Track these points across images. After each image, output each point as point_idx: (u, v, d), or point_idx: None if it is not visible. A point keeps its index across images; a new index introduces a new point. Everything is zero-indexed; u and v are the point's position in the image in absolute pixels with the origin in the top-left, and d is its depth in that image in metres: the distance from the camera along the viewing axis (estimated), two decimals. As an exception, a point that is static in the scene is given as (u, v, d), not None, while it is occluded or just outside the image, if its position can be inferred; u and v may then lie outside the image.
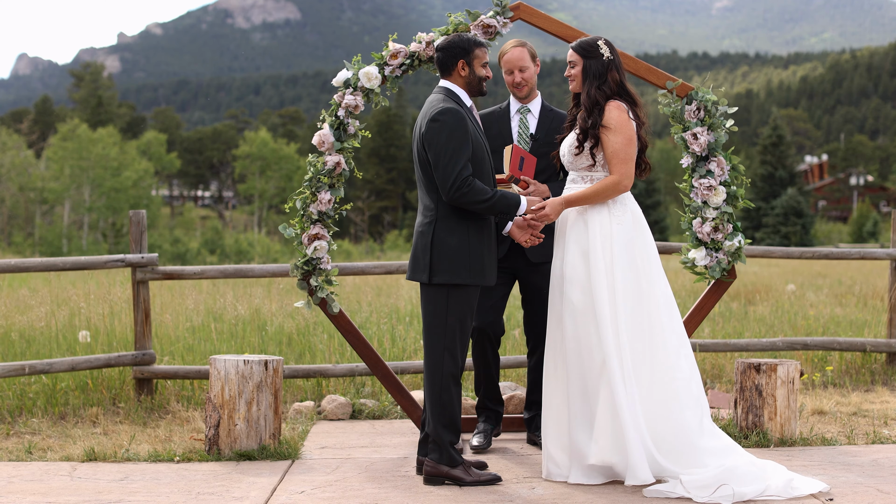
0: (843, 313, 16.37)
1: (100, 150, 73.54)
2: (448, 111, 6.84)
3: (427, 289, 6.95)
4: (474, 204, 6.77)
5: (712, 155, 8.09)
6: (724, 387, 10.81)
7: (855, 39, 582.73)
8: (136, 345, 9.97)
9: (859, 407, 9.95)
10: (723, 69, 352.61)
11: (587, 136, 7.06)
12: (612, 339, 6.77)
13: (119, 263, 9.87)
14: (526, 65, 7.97)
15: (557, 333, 7.09)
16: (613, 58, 7.16)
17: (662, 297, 7.00)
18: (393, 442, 8.46)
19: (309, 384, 10.46)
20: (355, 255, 61.75)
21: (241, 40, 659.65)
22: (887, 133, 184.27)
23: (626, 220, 7.02)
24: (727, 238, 8.12)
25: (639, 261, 6.98)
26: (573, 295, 6.95)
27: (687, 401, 6.85)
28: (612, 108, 7.03)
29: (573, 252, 7.02)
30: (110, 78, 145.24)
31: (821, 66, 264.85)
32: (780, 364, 8.26)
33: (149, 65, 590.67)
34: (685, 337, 7.05)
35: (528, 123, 8.03)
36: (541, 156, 7.90)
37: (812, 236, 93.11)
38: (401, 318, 13.58)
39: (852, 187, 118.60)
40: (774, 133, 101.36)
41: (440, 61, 7.16)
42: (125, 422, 9.34)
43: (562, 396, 7.06)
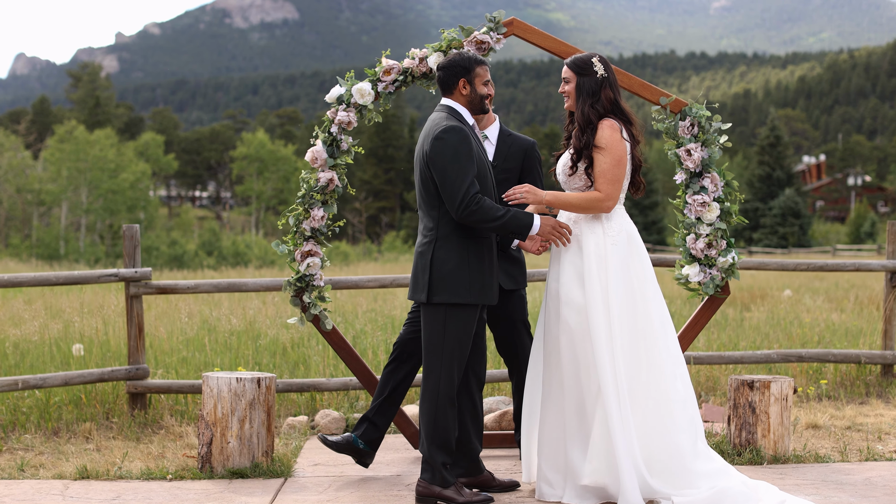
0: (839, 320, 16.36)
1: (97, 151, 73.53)
2: (452, 129, 6.83)
3: (427, 308, 6.93)
4: (485, 222, 6.73)
5: (706, 171, 8.08)
6: (719, 400, 10.80)
7: (853, 39, 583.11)
8: (130, 359, 9.96)
9: (853, 420, 9.94)
10: (721, 69, 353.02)
11: (581, 156, 7.02)
12: (609, 361, 6.74)
13: (112, 278, 9.86)
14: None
15: (554, 355, 7.05)
16: (608, 75, 7.10)
17: (658, 317, 6.97)
18: (386, 459, 8.45)
19: (303, 398, 10.45)
20: (353, 257, 61.83)
21: (239, 40, 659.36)
22: (885, 133, 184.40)
23: (621, 239, 6.97)
24: (721, 254, 8.11)
25: (634, 281, 6.95)
26: (569, 317, 6.92)
27: (681, 423, 6.83)
28: (604, 126, 6.98)
29: (568, 273, 6.98)
30: (108, 78, 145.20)
31: (819, 66, 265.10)
32: (774, 381, 8.25)
33: (147, 65, 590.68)
34: (680, 358, 7.03)
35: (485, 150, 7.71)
36: (500, 183, 7.70)
37: (810, 237, 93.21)
38: (395, 328, 13.56)
39: (850, 187, 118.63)
40: (772, 134, 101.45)
41: (441, 80, 7.14)
42: (118, 437, 9.33)
43: (557, 416, 7.03)
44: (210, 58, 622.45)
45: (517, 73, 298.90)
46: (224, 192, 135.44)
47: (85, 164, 72.67)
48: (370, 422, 7.78)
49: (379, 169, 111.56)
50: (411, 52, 8.17)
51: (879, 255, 62.54)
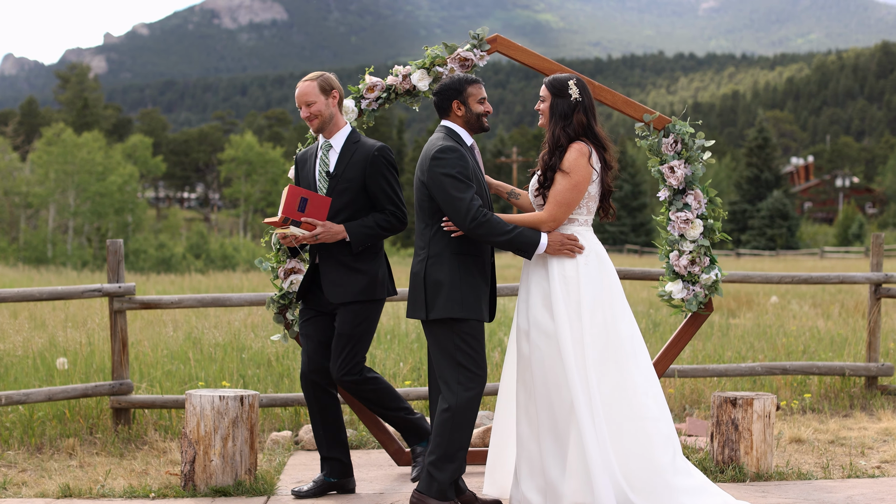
0: (824, 328, 16.39)
1: (85, 154, 73.39)
2: (449, 148, 6.87)
3: (429, 326, 6.96)
4: (493, 236, 6.77)
5: (689, 188, 8.08)
6: (703, 413, 10.81)
7: (841, 40, 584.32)
8: (114, 374, 9.95)
9: (837, 434, 9.96)
10: (709, 70, 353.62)
11: (546, 178, 7.04)
12: (579, 381, 6.74)
13: (96, 293, 9.84)
14: (312, 99, 7.54)
15: (527, 376, 7.05)
16: (582, 99, 7.06)
17: (628, 336, 6.96)
18: (369, 476, 8.44)
19: (287, 412, 10.45)
20: (341, 259, 61.65)
21: (228, 41, 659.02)
22: (873, 134, 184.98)
23: (589, 260, 6.96)
24: (704, 271, 8.11)
25: (604, 301, 6.94)
26: (538, 339, 6.91)
27: (657, 440, 6.83)
28: (572, 149, 6.94)
29: (536, 295, 6.97)
30: (96, 79, 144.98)
31: (807, 68, 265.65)
32: (757, 398, 8.26)
33: (135, 65, 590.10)
34: (653, 376, 7.02)
35: (327, 160, 7.62)
36: (341, 193, 7.55)
37: (797, 238, 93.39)
38: (381, 338, 13.57)
39: (838, 189, 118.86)
40: (760, 135, 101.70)
41: (437, 105, 7.18)
42: (102, 453, 9.31)
43: (533, 437, 7.04)
44: (199, 58, 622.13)
45: (506, 75, 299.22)
46: (212, 193, 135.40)
47: (72, 166, 72.53)
48: (329, 459, 7.79)
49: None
50: (395, 70, 8.18)
51: (867, 257, 62.63)
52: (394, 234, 7.67)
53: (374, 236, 7.50)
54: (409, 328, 14.78)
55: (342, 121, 7.67)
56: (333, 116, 7.59)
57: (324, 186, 7.57)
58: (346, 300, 7.49)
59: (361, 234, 7.43)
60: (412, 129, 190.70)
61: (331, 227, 7.37)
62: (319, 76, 7.62)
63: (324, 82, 7.58)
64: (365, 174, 7.50)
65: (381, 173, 7.54)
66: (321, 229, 7.32)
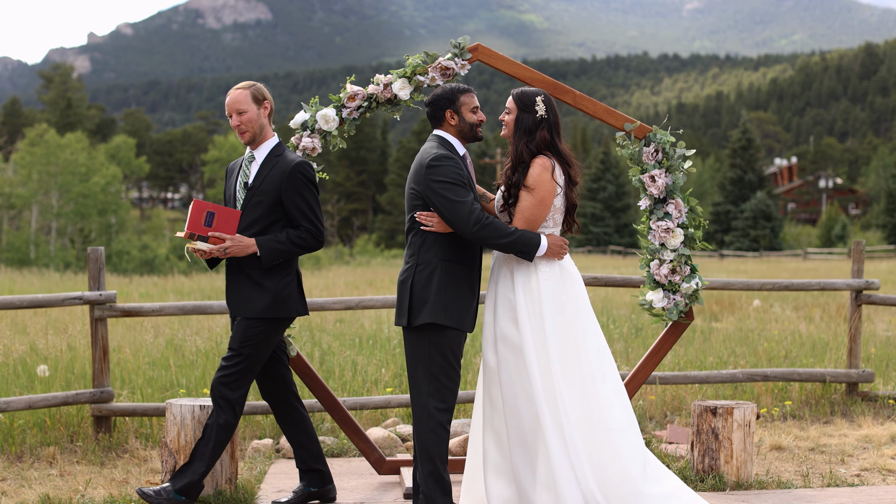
0: (806, 332, 16.43)
1: (68, 155, 73.20)
2: (444, 156, 6.88)
3: (410, 333, 6.94)
4: (497, 238, 6.76)
5: (670, 197, 8.08)
6: (684, 420, 10.82)
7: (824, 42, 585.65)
8: (94, 382, 9.92)
9: (817, 442, 9.98)
10: (693, 71, 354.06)
11: (510, 194, 7.05)
12: (544, 395, 6.76)
13: (77, 301, 9.81)
14: (244, 108, 7.43)
15: (494, 388, 7.07)
16: (548, 116, 7.07)
17: (594, 348, 6.98)
18: (350, 485, 8.43)
19: (268, 420, 10.43)
20: (324, 261, 61.68)
21: (212, 41, 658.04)
22: (856, 135, 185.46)
23: (553, 274, 6.97)
24: (685, 280, 8.12)
25: (569, 314, 6.95)
26: (504, 352, 6.92)
27: (626, 450, 6.85)
28: (535, 165, 6.95)
29: (503, 308, 6.99)
30: (80, 79, 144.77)
31: (790, 69, 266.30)
32: (737, 407, 8.28)
33: (119, 65, 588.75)
34: (621, 386, 7.04)
35: (248, 172, 7.48)
36: (255, 205, 7.39)
37: (781, 240, 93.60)
38: (363, 345, 13.56)
39: (821, 190, 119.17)
40: (744, 136, 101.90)
41: (429, 115, 7.20)
42: (82, 461, 9.28)
43: (502, 451, 7.06)
44: (183, 58, 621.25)
45: (490, 75, 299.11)
46: (196, 194, 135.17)
47: (56, 167, 72.33)
48: (307, 471, 7.77)
49: (351, 171, 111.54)
50: (376, 78, 8.16)
51: (849, 258, 62.81)
52: (309, 252, 7.49)
53: (287, 252, 7.30)
54: (392, 334, 14.78)
55: (270, 133, 7.54)
56: (263, 128, 7.48)
57: (241, 198, 7.43)
58: (245, 315, 7.31)
59: (273, 250, 7.25)
60: (396, 129, 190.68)
61: (241, 240, 7.22)
62: (252, 85, 7.52)
63: (256, 92, 7.48)
64: (281, 188, 7.33)
65: (297, 189, 7.35)
66: (230, 243, 7.18)
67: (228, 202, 7.48)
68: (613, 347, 14.05)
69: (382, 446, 9.55)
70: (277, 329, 7.42)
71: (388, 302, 10.45)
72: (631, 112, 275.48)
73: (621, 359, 13.25)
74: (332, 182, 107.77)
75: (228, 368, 7.24)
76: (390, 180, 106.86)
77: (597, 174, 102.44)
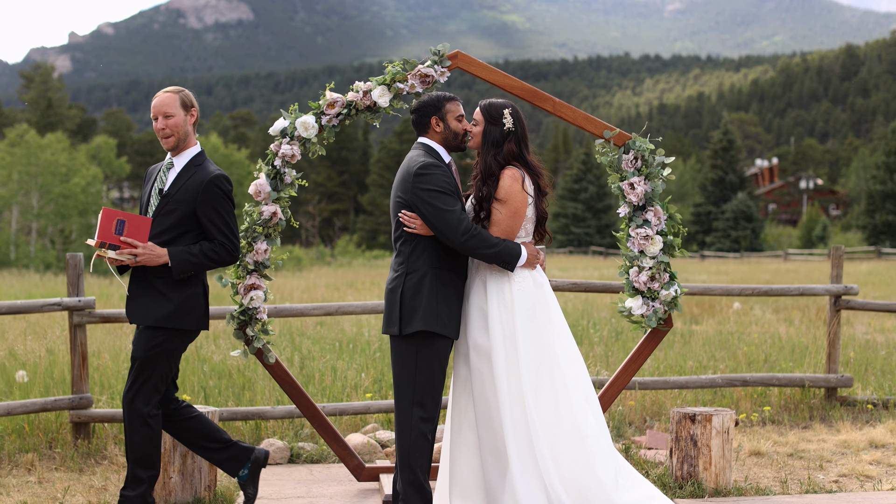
0: (786, 334, 16.47)
1: (48, 155, 72.95)
2: (431, 164, 6.91)
3: (398, 342, 6.95)
4: (483, 248, 6.79)
5: (649, 204, 8.10)
6: (663, 426, 10.84)
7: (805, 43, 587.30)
8: (73, 388, 9.89)
9: (796, 447, 10.01)
10: (674, 72, 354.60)
11: (482, 208, 7.06)
12: (509, 406, 6.79)
13: (56, 307, 9.79)
14: (172, 112, 7.29)
15: (464, 398, 7.10)
16: (515, 129, 7.11)
17: (565, 357, 7.00)
18: (329, 491, 8.43)
19: (248, 426, 10.41)
20: (305, 261, 61.62)
21: (194, 40, 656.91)
22: (837, 136, 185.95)
23: (526, 285, 7.00)
24: (664, 287, 8.13)
25: (541, 324, 6.99)
26: (476, 360, 6.95)
27: (598, 458, 6.87)
28: (505, 177, 7.00)
29: (475, 316, 7.01)
30: (60, 79, 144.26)
31: (771, 70, 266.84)
32: (716, 414, 8.30)
33: (100, 65, 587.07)
34: (592, 394, 7.07)
35: (165, 179, 7.33)
36: (168, 213, 7.22)
37: (762, 240, 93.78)
38: (343, 349, 13.54)
39: (802, 191, 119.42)
40: (725, 137, 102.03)
41: (415, 122, 7.21)
42: (61, 468, 9.25)
43: (467, 460, 7.08)
44: (164, 58, 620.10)
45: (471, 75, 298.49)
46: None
47: (36, 168, 72.06)
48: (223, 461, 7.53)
49: (333, 171, 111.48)
50: (355, 85, 8.15)
51: (829, 260, 62.96)
52: (222, 266, 7.40)
53: (199, 265, 7.15)
54: (372, 338, 14.76)
55: (193, 141, 7.44)
56: (188, 135, 7.35)
57: (155, 204, 7.27)
58: (147, 324, 7.12)
59: (184, 262, 7.09)
60: (378, 129, 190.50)
61: (152, 248, 7.04)
62: (181, 90, 7.41)
63: (185, 97, 7.37)
64: (196, 200, 7.19)
65: (212, 203, 7.22)
66: (142, 250, 7.00)
67: (143, 208, 7.34)
68: (594, 351, 14.07)
69: (362, 452, 9.55)
70: (178, 341, 7.22)
71: (368, 308, 10.45)
72: (612, 112, 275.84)
73: (601, 363, 13.27)
74: (314, 182, 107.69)
75: (136, 380, 7.11)
76: (372, 181, 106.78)
77: (578, 175, 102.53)
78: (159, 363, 7.12)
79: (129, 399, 7.10)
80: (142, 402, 7.08)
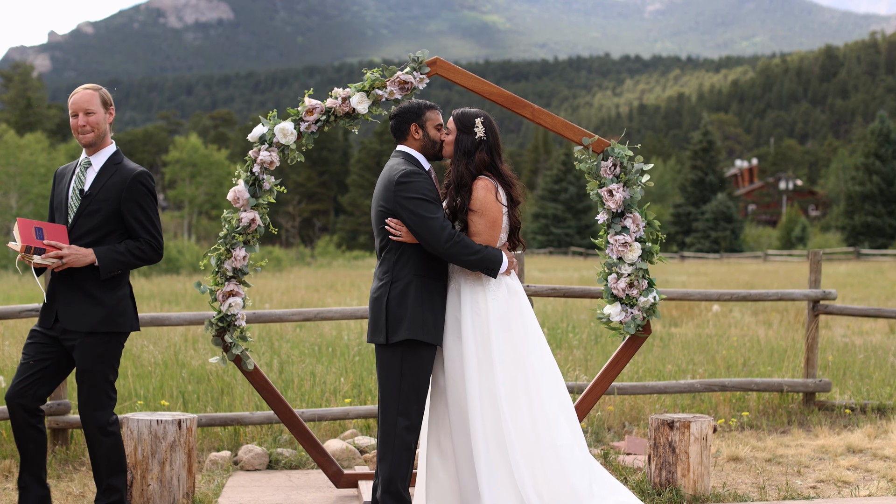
0: (765, 337, 16.51)
1: (27, 156, 72.76)
2: (413, 172, 6.89)
3: (384, 350, 6.94)
4: (466, 255, 6.78)
5: (628, 211, 8.10)
6: (642, 431, 10.85)
7: (785, 44, 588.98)
8: (51, 394, 9.85)
9: (774, 452, 10.03)
10: (655, 72, 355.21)
11: (456, 218, 7.07)
12: (480, 415, 6.80)
13: (34, 313, 9.75)
14: (94, 109, 7.18)
15: (441, 406, 7.10)
16: (486, 138, 7.12)
17: (541, 366, 7.00)
18: (308, 498, 8.41)
19: (226, 432, 10.39)
20: (285, 262, 61.47)
21: (174, 40, 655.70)
22: (816, 137, 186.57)
23: (500, 294, 7.01)
24: (642, 294, 8.13)
25: (515, 332, 6.99)
26: (452, 369, 6.96)
27: (572, 466, 6.87)
28: (478, 188, 7.00)
29: (450, 325, 7.02)
30: (40, 79, 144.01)
31: (751, 70, 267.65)
32: (694, 420, 8.32)
33: (80, 64, 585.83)
34: (568, 402, 7.07)
35: (84, 178, 7.21)
36: (91, 214, 7.12)
37: (741, 241, 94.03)
38: (322, 354, 13.52)
39: (781, 191, 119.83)
40: (705, 138, 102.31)
41: (394, 128, 7.21)
42: (38, 475, 9.21)
43: (444, 468, 7.09)
44: (144, 57, 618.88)
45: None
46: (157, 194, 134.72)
47: (15, 168, 71.89)
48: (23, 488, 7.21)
49: (313, 172, 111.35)
50: (334, 92, 8.14)
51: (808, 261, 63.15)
52: (148, 265, 7.33)
53: (126, 264, 7.08)
54: (352, 342, 14.76)
55: (109, 140, 7.33)
56: (105, 134, 7.25)
57: (75, 205, 7.13)
58: (83, 329, 7.01)
59: (111, 260, 7.02)
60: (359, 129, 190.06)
61: (77, 250, 6.93)
62: (99, 88, 7.31)
63: (104, 95, 7.28)
64: (120, 198, 7.12)
65: (137, 199, 7.18)
66: (67, 251, 6.89)
67: (58, 209, 7.20)
68: (573, 355, 14.08)
69: (341, 458, 9.54)
70: (117, 344, 7.17)
71: (347, 314, 10.43)
72: (593, 113, 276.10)
73: (580, 367, 13.27)
74: (294, 182, 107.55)
75: (91, 393, 7.04)
76: (352, 181, 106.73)
77: (558, 175, 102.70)
78: (107, 370, 7.08)
79: (89, 413, 7.04)
80: (101, 413, 7.05)
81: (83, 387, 7.03)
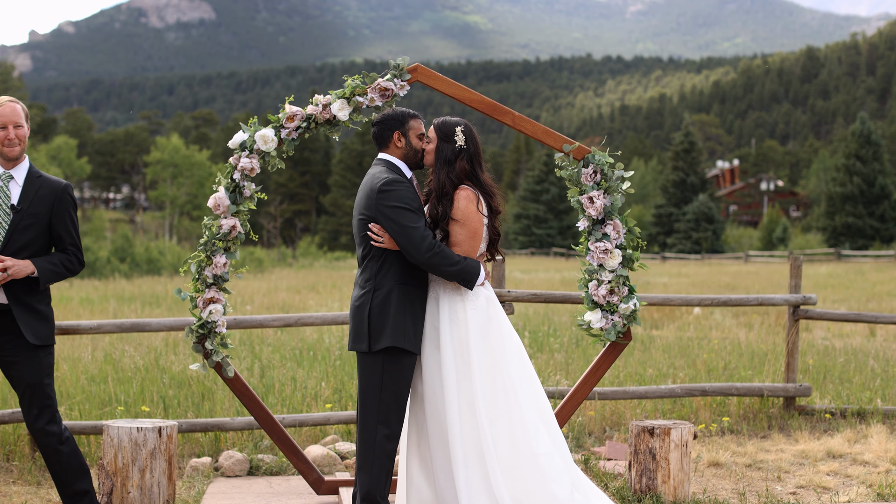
0: (745, 340, 16.55)
1: (8, 156, 72.65)
2: (395, 181, 6.89)
3: (365, 358, 6.94)
4: (445, 266, 6.78)
5: (608, 218, 8.11)
6: (623, 436, 10.86)
7: (766, 45, 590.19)
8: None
9: (755, 458, 10.05)
10: (637, 73, 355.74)
11: (437, 227, 7.07)
12: (458, 425, 6.80)
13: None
14: (22, 123, 7.21)
15: (420, 414, 7.10)
16: (467, 147, 7.11)
17: (518, 374, 7.00)
18: (289, 505, 8.41)
19: (207, 437, 10.37)
20: (267, 263, 61.45)
21: (155, 40, 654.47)
22: (797, 138, 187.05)
23: (479, 304, 7.01)
24: (623, 301, 8.14)
25: (494, 342, 6.99)
26: (429, 377, 6.96)
27: (551, 475, 6.87)
28: (460, 198, 7.00)
29: (428, 334, 7.03)
30: (20, 79, 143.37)
31: (733, 71, 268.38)
32: (674, 427, 8.33)
33: (61, 63, 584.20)
34: (548, 410, 7.08)
35: (9, 193, 7.17)
36: (25, 228, 7.13)
37: (723, 242, 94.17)
38: (303, 357, 13.50)
39: (763, 192, 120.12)
40: (686, 139, 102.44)
41: (376, 135, 7.20)
42: (18, 482, 9.19)
43: (424, 476, 7.10)
44: (125, 57, 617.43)
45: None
46: (138, 194, 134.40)
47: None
48: None
49: (294, 172, 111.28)
50: (315, 99, 8.13)
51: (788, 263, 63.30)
52: (72, 276, 7.41)
53: (60, 275, 7.17)
54: (333, 346, 14.74)
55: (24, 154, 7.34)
56: (26, 147, 7.29)
57: (6, 221, 7.11)
58: (43, 343, 7.11)
59: (49, 272, 7.10)
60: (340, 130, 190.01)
61: (17, 261, 6.97)
62: (18, 101, 7.31)
63: (25, 110, 7.32)
64: (52, 211, 7.19)
65: (68, 211, 7.28)
66: (11, 262, 6.91)
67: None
68: (554, 359, 14.08)
69: (321, 464, 9.54)
70: (52, 354, 7.30)
71: (328, 319, 10.41)
72: (574, 114, 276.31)
73: (562, 371, 13.27)
74: (276, 183, 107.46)
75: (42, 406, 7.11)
76: (334, 181, 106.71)
77: (540, 176, 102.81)
78: (51, 380, 7.20)
79: (41, 427, 7.12)
80: (53, 424, 7.15)
81: (33, 401, 7.11)
